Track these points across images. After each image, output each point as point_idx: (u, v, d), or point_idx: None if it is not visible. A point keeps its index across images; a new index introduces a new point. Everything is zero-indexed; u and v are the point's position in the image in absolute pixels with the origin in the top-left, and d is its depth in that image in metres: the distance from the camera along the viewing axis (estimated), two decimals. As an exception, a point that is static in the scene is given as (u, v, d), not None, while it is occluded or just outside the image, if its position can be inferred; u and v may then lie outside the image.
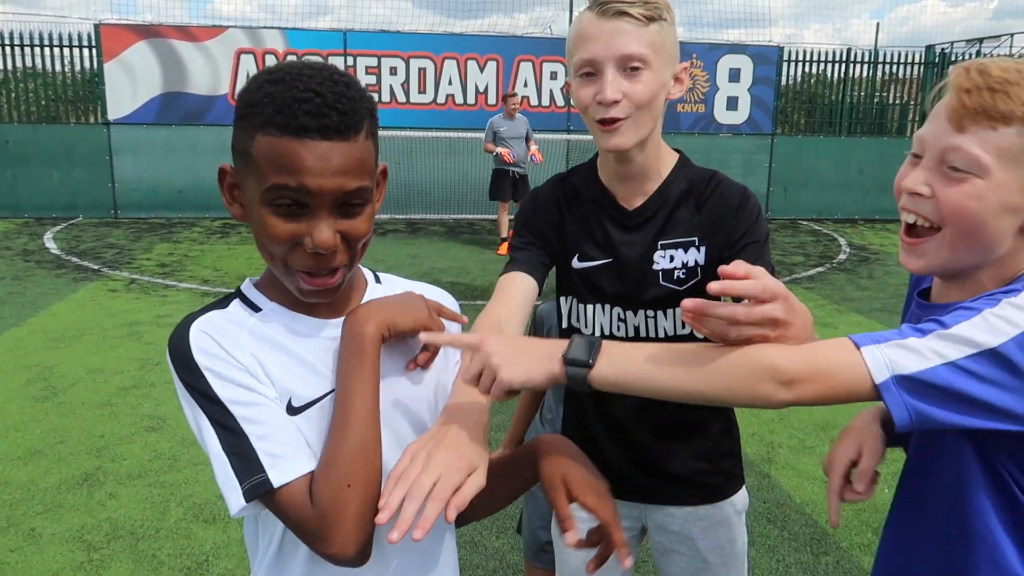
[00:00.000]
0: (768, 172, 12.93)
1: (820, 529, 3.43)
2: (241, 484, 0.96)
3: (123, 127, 11.37)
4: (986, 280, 1.03)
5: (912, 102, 14.04)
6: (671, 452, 1.60)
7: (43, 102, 11.88)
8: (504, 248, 9.32)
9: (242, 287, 1.10)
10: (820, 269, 9.14)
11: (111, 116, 11.30)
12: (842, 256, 10.01)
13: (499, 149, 9.23)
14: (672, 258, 1.48)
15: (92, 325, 6.21)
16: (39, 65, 11.67)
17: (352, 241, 1.00)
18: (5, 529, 3.28)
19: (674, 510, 1.64)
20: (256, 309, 1.06)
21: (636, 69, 1.33)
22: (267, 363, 1.01)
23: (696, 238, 1.47)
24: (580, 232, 1.54)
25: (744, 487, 1.70)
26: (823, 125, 13.60)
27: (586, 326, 1.55)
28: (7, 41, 11.33)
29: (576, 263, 1.54)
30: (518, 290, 1.46)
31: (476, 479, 0.96)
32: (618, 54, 1.32)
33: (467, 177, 11.79)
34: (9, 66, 11.53)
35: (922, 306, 1.15)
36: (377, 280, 1.19)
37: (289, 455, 0.97)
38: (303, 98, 0.93)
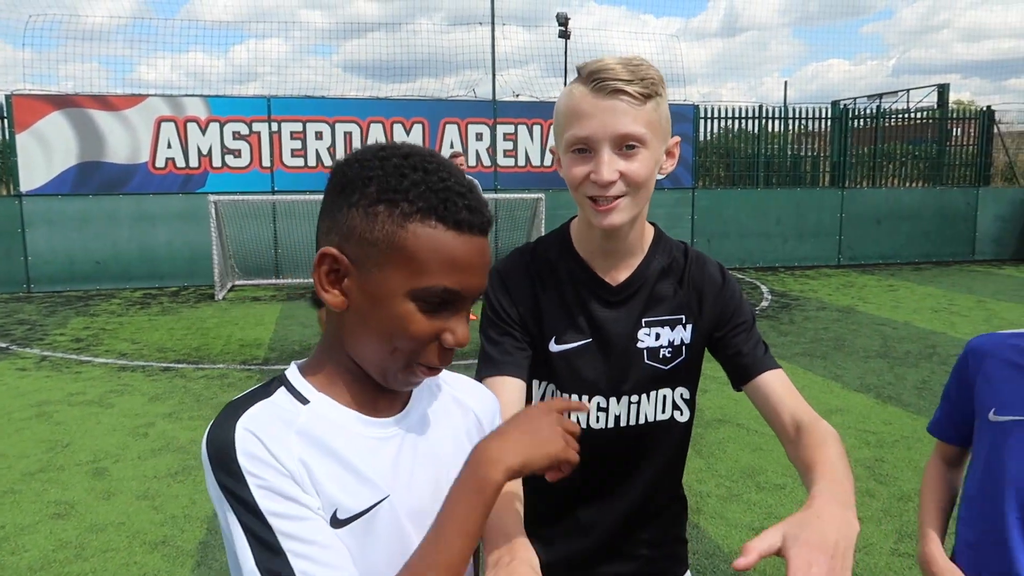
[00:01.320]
0: (691, 224, 13.34)
1: (749, 578, 3.44)
2: None
3: (37, 198, 11.03)
4: None
5: (822, 154, 14.78)
6: (628, 538, 1.53)
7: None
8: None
9: (287, 374, 1.01)
10: (744, 317, 9.38)
11: (23, 188, 10.95)
12: (764, 303, 10.31)
13: None
14: (658, 336, 1.42)
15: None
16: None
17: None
18: None
19: None
20: (304, 401, 0.97)
21: (632, 148, 1.28)
22: (315, 469, 0.92)
23: (683, 316, 1.43)
24: (558, 312, 1.43)
25: (689, 570, 1.65)
26: (741, 178, 14.16)
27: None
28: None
29: (554, 346, 1.42)
30: (514, 399, 1.33)
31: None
32: (615, 134, 1.27)
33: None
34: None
35: None
36: None
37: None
38: (459, 191, 0.92)
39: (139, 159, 11.29)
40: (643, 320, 1.42)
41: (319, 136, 11.90)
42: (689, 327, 1.44)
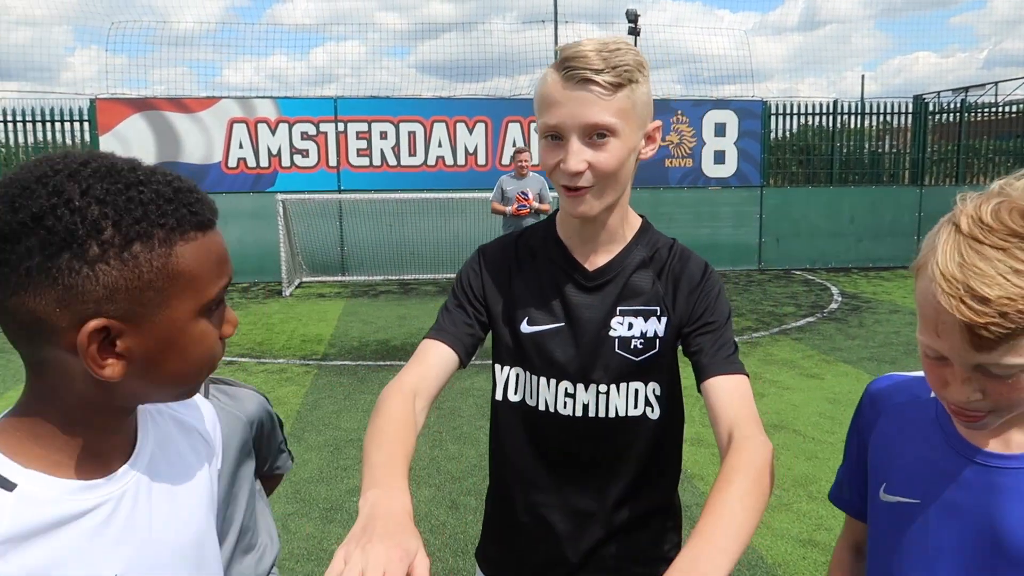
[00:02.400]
0: (759, 223, 12.98)
1: (791, 592, 3.31)
2: None
3: (118, 198, 11.55)
4: None
5: (905, 151, 14.17)
6: (603, 550, 1.47)
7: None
8: None
9: None
10: (810, 319, 9.08)
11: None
12: (833, 305, 9.95)
13: (507, 209, 8.80)
14: (631, 325, 1.39)
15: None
16: (39, 140, 11.95)
17: None
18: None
19: None
20: (10, 487, 0.79)
21: (602, 137, 1.26)
22: None
23: (657, 308, 1.40)
24: (532, 293, 1.43)
25: None
26: (815, 176, 13.70)
27: (531, 398, 1.43)
28: (5, 118, 11.61)
29: (525, 327, 1.42)
30: (437, 363, 1.35)
31: (421, 563, 0.88)
32: (583, 123, 1.25)
33: (459, 237, 11.86)
34: (12, 142, 11.82)
35: (1000, 457, 1.04)
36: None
37: None
38: (188, 188, 0.86)
39: (213, 159, 11.71)
40: (617, 308, 1.40)
41: (384, 136, 12.10)
42: (664, 320, 1.39)
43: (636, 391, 1.40)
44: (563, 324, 1.41)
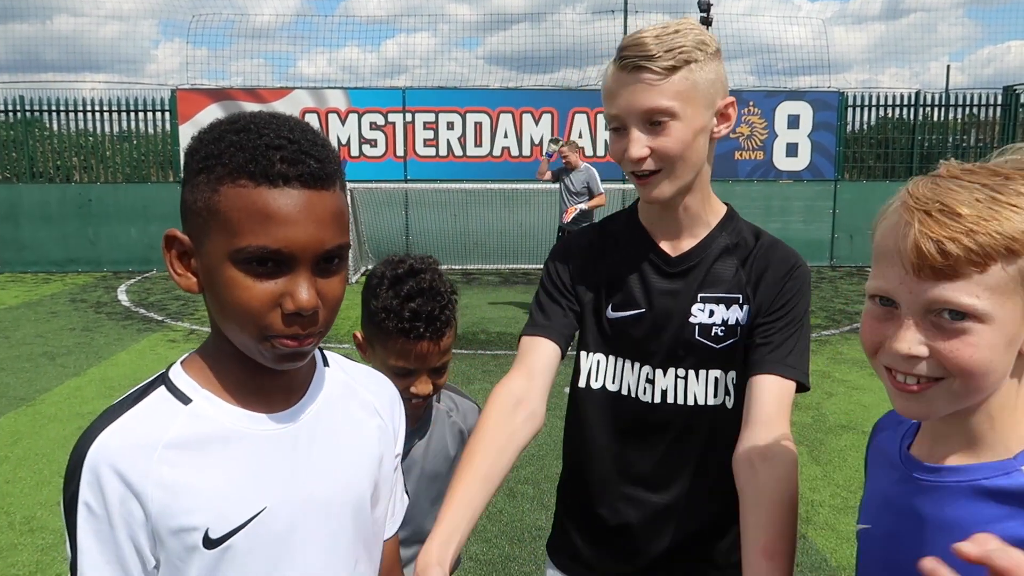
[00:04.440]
0: (832, 218, 12.59)
1: (856, 596, 3.20)
2: None
3: (195, 185, 11.98)
4: (993, 412, 0.88)
5: (992, 144, 13.50)
6: (690, 558, 1.45)
7: (123, 164, 12.63)
8: None
9: (170, 370, 0.96)
10: (884, 318, 8.76)
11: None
12: (910, 304, 9.59)
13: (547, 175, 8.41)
14: (712, 313, 1.37)
15: (148, 374, 6.33)
16: (123, 129, 12.48)
17: (330, 304, 0.91)
18: (34, 574, 3.38)
19: None
20: (185, 400, 0.92)
21: (660, 122, 1.26)
22: (184, 486, 0.89)
23: (740, 296, 1.37)
24: (616, 279, 1.43)
25: None
26: (893, 170, 13.18)
27: (613, 383, 1.44)
28: (88, 107, 12.16)
29: (611, 313, 1.42)
30: (541, 361, 1.39)
31: None
32: (639, 110, 1.25)
33: (523, 227, 11.88)
34: (98, 130, 12.38)
35: (926, 468, 0.93)
36: (325, 362, 1.07)
37: None
38: (277, 144, 0.85)
39: (285, 148, 12.01)
40: (699, 295, 1.38)
41: (451, 126, 12.18)
42: (746, 308, 1.37)
43: (715, 379, 1.38)
44: (644, 310, 1.40)
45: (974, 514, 0.85)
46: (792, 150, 12.40)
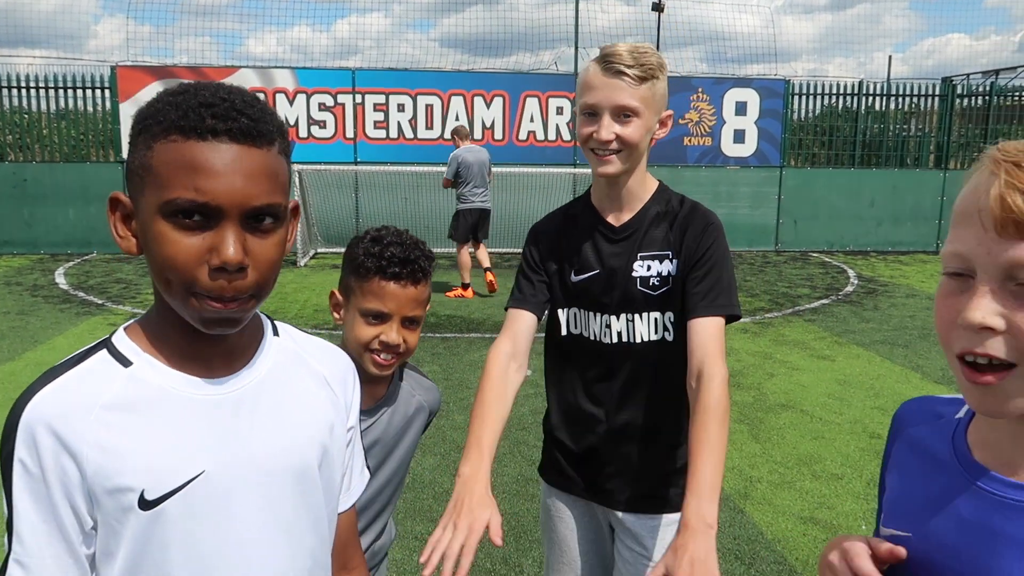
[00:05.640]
0: (777, 204, 12.85)
1: (789, 567, 3.31)
2: None
3: (137, 165, 11.63)
4: None
5: (931, 134, 13.91)
6: (637, 460, 1.82)
7: (61, 142, 12.20)
8: (469, 292, 9.19)
9: (113, 335, 0.97)
10: (825, 301, 9.00)
11: (125, 155, 11.54)
12: (849, 288, 9.85)
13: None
14: (649, 267, 1.75)
15: (86, 358, 6.27)
16: (61, 107, 12.04)
17: (261, 266, 0.90)
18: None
19: (639, 517, 1.83)
20: (126, 363, 0.93)
21: (628, 117, 1.66)
22: (119, 447, 0.90)
23: (670, 252, 1.75)
24: (576, 250, 1.82)
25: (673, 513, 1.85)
26: (837, 157, 13.50)
27: (585, 330, 1.82)
28: (24, 84, 11.70)
29: (573, 277, 1.82)
30: (523, 326, 1.80)
31: (494, 523, 1.38)
32: (614, 104, 1.65)
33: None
34: (34, 108, 11.92)
35: (1004, 483, 0.81)
36: (275, 332, 1.07)
37: None
38: (210, 103, 0.87)
39: (231, 129, 11.74)
40: (638, 255, 1.76)
41: (401, 108, 12.06)
42: (675, 262, 1.75)
43: (655, 319, 1.76)
44: (599, 271, 1.79)
45: None
46: (739, 137, 12.60)
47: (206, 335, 0.93)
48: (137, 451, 0.90)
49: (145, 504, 0.90)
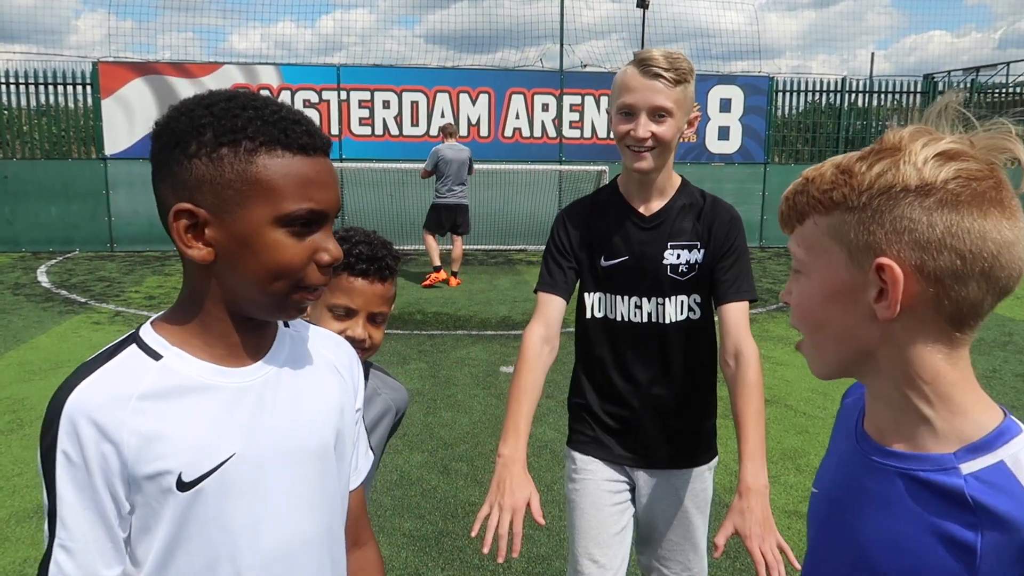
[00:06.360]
0: (762, 200, 12.93)
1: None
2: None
3: (119, 162, 11.55)
4: (932, 397, 0.87)
5: (910, 130, 13.98)
6: (669, 426, 1.99)
7: (42, 139, 12.06)
8: (443, 277, 9.48)
9: (140, 330, 1.02)
10: (809, 297, 9.06)
11: (108, 151, 11.48)
12: (833, 284, 9.93)
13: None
14: (679, 256, 1.92)
15: (70, 357, 6.23)
16: (42, 103, 11.90)
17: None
18: (-53, 562, 3.26)
19: (672, 473, 2.03)
20: (156, 356, 0.99)
21: (662, 117, 1.79)
22: (157, 434, 0.95)
23: (697, 243, 1.92)
24: (606, 236, 1.96)
25: (717, 453, 2.12)
26: (820, 154, 13.60)
27: (611, 313, 1.97)
28: (3, 80, 11.56)
29: (603, 262, 1.96)
30: (553, 310, 1.95)
31: (534, 501, 1.61)
32: (651, 105, 1.78)
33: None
34: (14, 104, 11.78)
35: (875, 448, 0.94)
36: (286, 323, 1.14)
37: None
38: (295, 119, 0.97)
39: (215, 125, 11.65)
40: (669, 244, 1.93)
41: (387, 105, 12.03)
42: (701, 251, 1.93)
43: (682, 302, 1.94)
44: (627, 257, 1.94)
45: (905, 498, 0.88)
46: (724, 133, 12.67)
47: (237, 328, 1.02)
48: (174, 437, 0.96)
49: (183, 486, 0.97)
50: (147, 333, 1.01)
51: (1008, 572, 0.80)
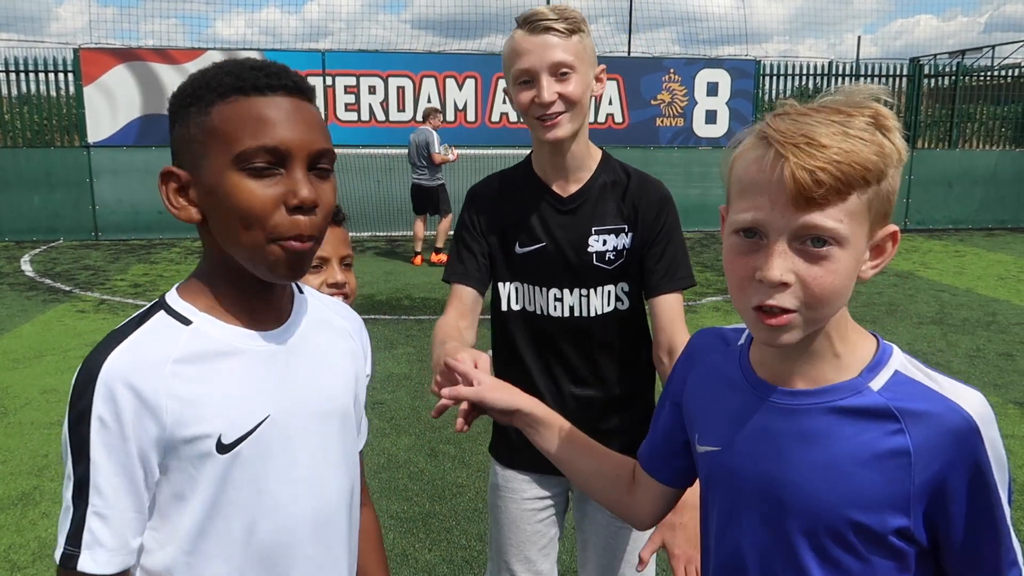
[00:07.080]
0: (749, 184, 12.95)
1: None
2: (62, 545, 0.94)
3: (103, 150, 11.43)
4: (831, 333, 0.95)
5: (900, 113, 14.07)
6: (600, 431, 1.66)
7: (24, 127, 11.92)
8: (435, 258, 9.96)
9: (167, 297, 1.01)
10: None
11: (91, 139, 11.36)
12: (819, 266, 9.98)
13: (450, 157, 9.94)
14: (605, 242, 1.70)
15: (54, 346, 6.19)
16: (23, 91, 11.75)
17: (324, 208, 0.98)
18: (-69, 549, 3.25)
19: None
20: (186, 322, 0.98)
21: (565, 74, 1.59)
22: (193, 398, 0.95)
23: (624, 226, 1.71)
24: (519, 220, 1.74)
25: None
26: (805, 137, 13.59)
27: (529, 305, 1.76)
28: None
29: (518, 249, 1.74)
30: (466, 302, 1.73)
31: (483, 362, 1.30)
32: (549, 62, 1.57)
33: (449, 194, 11.80)
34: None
35: (782, 392, 0.98)
36: (300, 291, 1.15)
37: (111, 547, 0.94)
38: (259, 66, 0.95)
39: (199, 112, 11.56)
40: (593, 229, 1.71)
41: (372, 91, 11.95)
42: (629, 235, 1.72)
43: (609, 292, 1.73)
44: (546, 243, 1.72)
45: (833, 429, 0.93)
46: (711, 117, 12.67)
47: (258, 292, 1.01)
48: (212, 400, 0.96)
49: (223, 448, 0.97)
50: (174, 299, 1.01)
51: (937, 458, 0.89)
